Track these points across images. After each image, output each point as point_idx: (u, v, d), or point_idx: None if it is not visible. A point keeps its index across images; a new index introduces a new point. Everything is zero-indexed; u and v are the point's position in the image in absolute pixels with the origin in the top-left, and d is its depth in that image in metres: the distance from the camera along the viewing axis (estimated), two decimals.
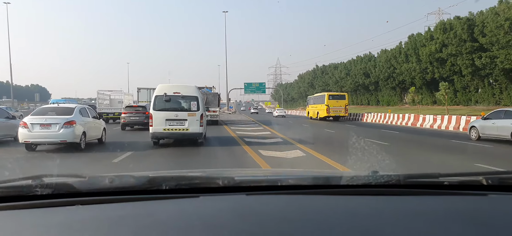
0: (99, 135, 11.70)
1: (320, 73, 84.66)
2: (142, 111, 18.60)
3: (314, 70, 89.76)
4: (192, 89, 11.41)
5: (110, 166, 8.01)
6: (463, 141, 13.90)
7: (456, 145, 13.20)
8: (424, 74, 46.65)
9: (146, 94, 25.05)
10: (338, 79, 73.96)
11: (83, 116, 10.66)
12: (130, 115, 18.41)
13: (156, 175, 1.36)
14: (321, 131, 19.65)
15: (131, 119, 18.36)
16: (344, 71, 70.97)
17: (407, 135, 17.16)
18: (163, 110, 10.73)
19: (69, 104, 12.90)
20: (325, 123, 29.08)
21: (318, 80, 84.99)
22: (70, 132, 9.68)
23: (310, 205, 1.12)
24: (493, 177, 1.29)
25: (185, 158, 9.35)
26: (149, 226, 0.91)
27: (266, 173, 2.93)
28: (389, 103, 59.59)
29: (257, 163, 8.22)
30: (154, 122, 10.62)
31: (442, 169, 1.53)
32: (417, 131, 20.41)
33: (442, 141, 14.63)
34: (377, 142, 12.16)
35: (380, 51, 60.55)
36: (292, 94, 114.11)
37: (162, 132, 10.69)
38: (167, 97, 10.79)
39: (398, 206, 1.14)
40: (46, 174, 1.20)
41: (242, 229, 0.92)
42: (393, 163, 7.50)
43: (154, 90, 13.09)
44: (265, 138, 14.33)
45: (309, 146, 11.45)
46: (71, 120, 9.87)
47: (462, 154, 11.01)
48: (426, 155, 10.45)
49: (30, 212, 1.04)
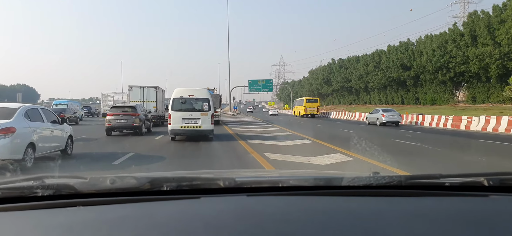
0: (62, 145, 9.02)
1: (338, 68, 72.91)
2: (131, 112, 15.57)
3: (330, 65, 77.93)
4: (204, 92, 13.62)
5: None
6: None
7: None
8: (505, 60, 34.37)
9: (139, 93, 23.16)
10: (362, 74, 62.04)
11: (31, 121, 7.81)
12: (116, 118, 15.39)
13: (157, 176, 1.35)
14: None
15: (117, 122, 15.34)
16: (372, 64, 58.95)
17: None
18: (180, 110, 12.63)
19: (9, 105, 8.50)
20: (303, 119, 40.22)
21: (335, 75, 73.26)
22: (5, 144, 6.84)
23: (311, 206, 1.12)
24: (494, 178, 1.27)
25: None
26: (150, 227, 0.92)
27: (267, 174, 2.89)
28: (434, 101, 47.61)
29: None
30: (173, 120, 12.56)
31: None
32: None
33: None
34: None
35: (424, 37, 48.54)
36: (301, 93, 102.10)
37: (179, 129, 12.64)
38: (183, 100, 12.76)
39: (400, 207, 1.14)
40: (47, 175, 1.20)
41: (243, 230, 0.92)
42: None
43: (147, 89, 20.49)
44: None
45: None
46: (8, 126, 7.00)
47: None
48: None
49: (31, 213, 1.04)
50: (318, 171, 6.10)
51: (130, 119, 15.31)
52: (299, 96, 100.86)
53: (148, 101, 23.12)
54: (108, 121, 15.36)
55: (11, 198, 1.10)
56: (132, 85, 23.69)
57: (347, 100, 73.98)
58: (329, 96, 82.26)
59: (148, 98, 23.35)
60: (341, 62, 73.75)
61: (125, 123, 15.31)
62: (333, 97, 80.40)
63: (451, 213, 1.06)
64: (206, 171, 4.48)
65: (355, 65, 66.51)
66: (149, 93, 23.54)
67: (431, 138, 16.03)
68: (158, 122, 22.52)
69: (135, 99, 22.45)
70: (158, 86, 24.30)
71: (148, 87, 23.74)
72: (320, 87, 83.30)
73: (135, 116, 15.38)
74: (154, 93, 23.74)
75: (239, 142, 13.30)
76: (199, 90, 13.51)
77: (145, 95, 23.34)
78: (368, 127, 25.41)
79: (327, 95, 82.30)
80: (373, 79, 59.61)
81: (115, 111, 15.78)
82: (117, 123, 15.31)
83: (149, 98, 23.50)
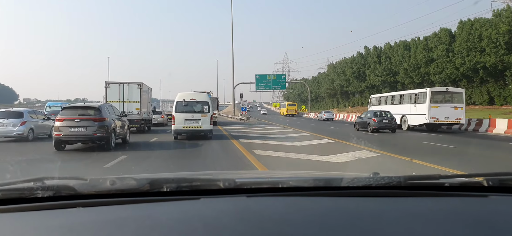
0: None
1: (376, 58, 53.42)
2: (93, 116, 10.68)
3: (363, 56, 58.40)
4: (204, 96, 15.41)
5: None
6: None
7: None
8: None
9: (119, 92, 18.67)
10: (418, 63, 42.58)
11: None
12: (70, 125, 10.40)
13: (157, 177, 1.34)
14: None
15: (71, 130, 10.36)
16: (442, 47, 39.48)
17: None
18: (183, 112, 13.94)
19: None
20: (287, 118, 51.86)
21: (372, 69, 53.51)
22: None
23: (311, 207, 1.12)
24: (494, 179, 1.28)
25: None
26: (150, 228, 0.92)
27: (266, 175, 2.87)
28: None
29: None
30: (176, 121, 13.88)
31: None
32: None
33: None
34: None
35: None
36: (318, 92, 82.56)
37: (182, 129, 13.96)
38: (185, 103, 14.08)
39: (399, 208, 1.14)
40: (47, 176, 1.19)
41: (243, 231, 0.92)
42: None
43: (129, 86, 18.35)
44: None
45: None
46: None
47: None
48: None
49: (31, 214, 1.05)
50: (318, 171, 6.01)
51: (90, 126, 10.41)
52: (314, 96, 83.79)
53: (129, 102, 18.65)
54: (58, 129, 10.34)
55: (11, 199, 1.10)
56: (110, 81, 19.25)
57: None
58: (358, 95, 62.93)
59: (129, 98, 18.74)
60: (380, 51, 54.52)
61: (82, 132, 10.36)
62: (364, 97, 60.40)
63: (451, 214, 1.07)
64: (205, 172, 4.61)
65: (404, 53, 47.18)
66: (131, 92, 18.82)
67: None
68: (142, 127, 19.08)
69: (113, 99, 18.27)
70: (142, 83, 19.38)
71: (130, 84, 19.03)
72: (346, 84, 63.93)
73: (99, 122, 10.47)
74: (138, 92, 18.91)
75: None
76: (200, 94, 15.68)
77: (126, 94, 18.77)
78: None
79: (357, 93, 62.67)
80: (440, 69, 40.14)
81: (67, 114, 10.60)
82: (71, 132, 10.30)
83: (131, 97, 18.76)
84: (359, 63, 60.11)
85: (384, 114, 19.96)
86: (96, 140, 10.49)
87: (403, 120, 22.63)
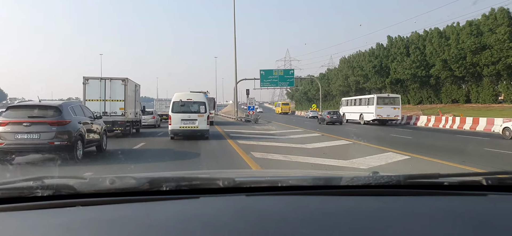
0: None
1: (402, 48, 44.86)
2: (49, 119, 8.14)
3: (386, 47, 49.81)
4: (201, 96, 15.23)
5: None
6: None
7: None
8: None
9: (99, 89, 15.79)
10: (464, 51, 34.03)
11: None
12: (16, 131, 7.86)
13: (156, 176, 1.34)
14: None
15: (17, 138, 7.81)
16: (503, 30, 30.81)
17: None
18: (179, 112, 13.88)
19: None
20: (280, 115, 62.39)
21: (399, 61, 45.07)
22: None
23: (310, 206, 1.12)
24: (493, 178, 1.28)
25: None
26: (150, 227, 0.92)
27: (266, 174, 2.79)
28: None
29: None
30: (173, 121, 13.84)
31: None
32: None
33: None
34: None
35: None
36: (328, 89, 73.80)
37: (179, 129, 13.88)
38: (182, 103, 14.02)
39: (399, 207, 1.14)
40: (47, 176, 1.19)
41: (242, 230, 0.92)
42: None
43: (111, 82, 15.90)
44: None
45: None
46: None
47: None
48: None
49: (31, 213, 1.04)
50: (317, 171, 5.80)
51: (46, 131, 7.86)
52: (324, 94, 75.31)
53: (112, 100, 15.80)
54: (0, 136, 7.85)
55: (11, 198, 1.10)
56: (89, 76, 16.07)
57: (417, 97, 46.37)
58: (376, 93, 54.11)
59: (112, 96, 15.85)
60: (403, 40, 45.95)
61: (34, 140, 7.81)
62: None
63: (450, 212, 1.06)
64: (205, 171, 4.55)
65: (440, 41, 38.65)
66: (114, 89, 15.91)
67: None
68: (127, 131, 16.18)
69: (93, 98, 15.70)
70: (127, 79, 16.39)
71: (113, 80, 16.15)
72: (363, 80, 55.31)
73: (58, 125, 7.98)
74: (122, 89, 16.00)
75: None
76: (196, 95, 15.50)
77: (109, 92, 15.90)
78: None
79: (376, 90, 53.79)
80: (497, 58, 31.57)
81: (13, 116, 8.05)
82: (17, 141, 7.75)
83: (115, 96, 15.87)
84: (381, 55, 51.17)
85: (334, 113, 30.70)
86: (54, 149, 7.94)
87: (361, 117, 30.82)
